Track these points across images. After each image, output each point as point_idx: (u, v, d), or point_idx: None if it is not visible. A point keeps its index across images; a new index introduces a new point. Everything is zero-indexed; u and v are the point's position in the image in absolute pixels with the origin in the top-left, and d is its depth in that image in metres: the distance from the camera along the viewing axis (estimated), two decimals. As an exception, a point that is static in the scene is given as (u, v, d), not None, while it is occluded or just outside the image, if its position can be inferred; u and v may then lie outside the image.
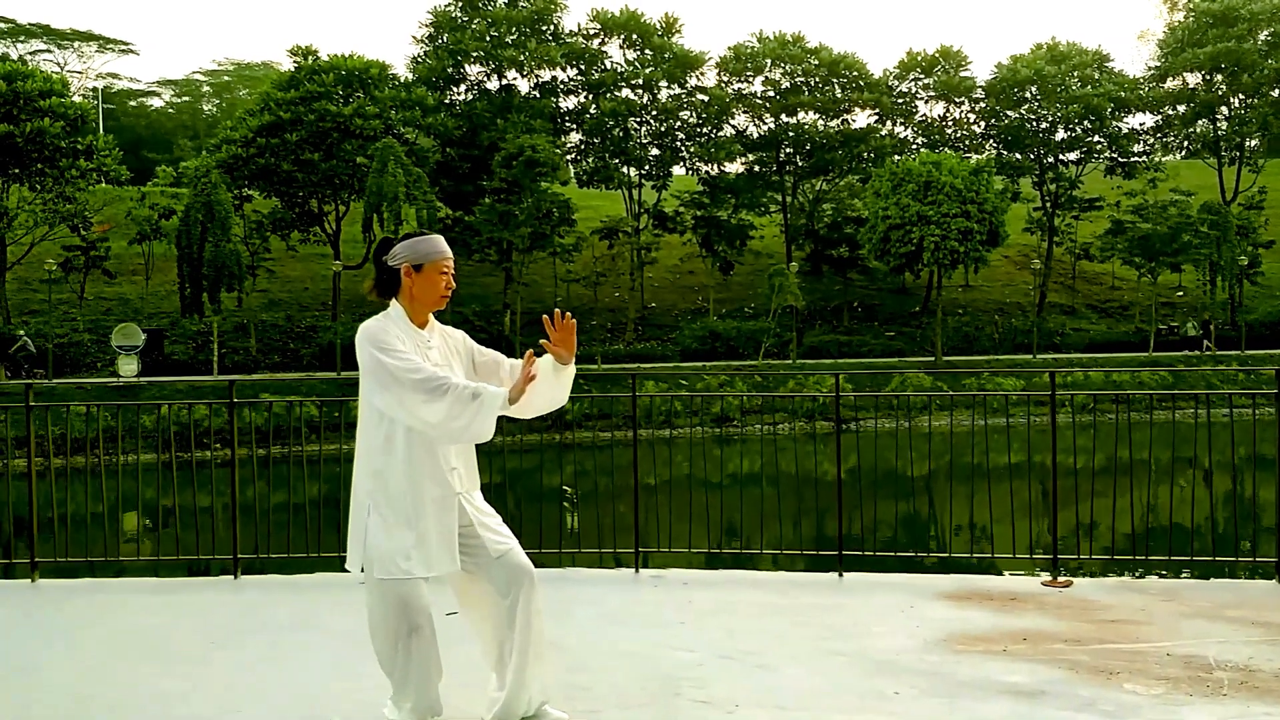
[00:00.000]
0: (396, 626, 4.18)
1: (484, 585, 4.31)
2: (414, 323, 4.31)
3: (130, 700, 4.94)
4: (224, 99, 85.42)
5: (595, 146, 53.77)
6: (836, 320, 51.69)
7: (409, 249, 4.30)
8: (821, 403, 25.08)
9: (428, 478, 4.20)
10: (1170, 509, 7.92)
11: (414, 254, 4.28)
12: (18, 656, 5.76)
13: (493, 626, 4.34)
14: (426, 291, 4.29)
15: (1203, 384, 33.66)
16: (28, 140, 39.37)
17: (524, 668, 4.23)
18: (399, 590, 4.16)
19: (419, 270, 4.28)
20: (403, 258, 4.29)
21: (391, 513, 4.18)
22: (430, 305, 4.33)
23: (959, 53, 56.26)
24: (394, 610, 4.17)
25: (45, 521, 8.69)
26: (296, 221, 47.46)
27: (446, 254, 4.33)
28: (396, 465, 4.18)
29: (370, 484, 4.22)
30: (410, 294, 4.30)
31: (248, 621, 6.44)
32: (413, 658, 4.20)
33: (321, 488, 9.84)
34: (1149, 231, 47.98)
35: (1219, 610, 6.30)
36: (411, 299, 4.31)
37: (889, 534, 11.67)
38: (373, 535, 4.19)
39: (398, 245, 4.32)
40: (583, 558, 8.33)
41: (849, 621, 6.19)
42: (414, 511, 4.18)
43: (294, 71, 47.32)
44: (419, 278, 4.28)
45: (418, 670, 4.22)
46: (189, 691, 5.02)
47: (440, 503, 4.21)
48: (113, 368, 37.77)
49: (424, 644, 4.21)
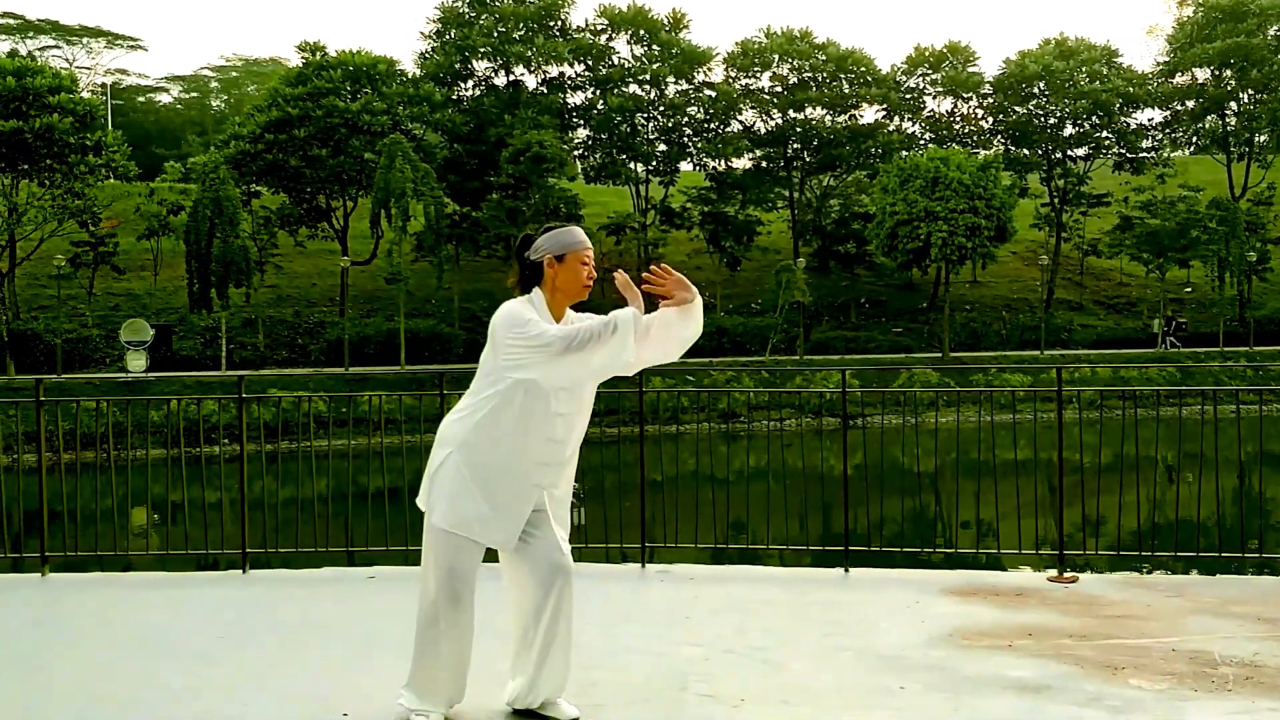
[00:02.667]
0: (438, 589, 4.23)
1: (524, 573, 4.37)
2: (553, 312, 4.33)
3: (140, 695, 4.97)
4: (232, 95, 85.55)
5: (602, 142, 53.77)
6: (844, 316, 51.63)
7: (552, 239, 4.33)
8: (828, 399, 25.09)
9: (520, 455, 4.26)
10: (1176, 505, 7.92)
11: (557, 245, 4.32)
12: (28, 650, 5.80)
13: (521, 614, 4.41)
14: (570, 281, 4.32)
15: (1210, 380, 33.58)
16: (37, 136, 39.43)
17: (544, 661, 4.33)
18: (452, 549, 4.23)
19: (561, 260, 4.31)
20: (546, 249, 4.32)
21: (469, 469, 4.24)
22: (573, 295, 4.36)
23: (967, 48, 56.14)
24: (443, 570, 4.23)
25: (55, 516, 8.73)
26: (304, 217, 47.54)
27: (588, 244, 4.37)
28: (497, 431, 4.23)
29: (466, 434, 4.27)
30: (553, 285, 4.33)
31: (257, 617, 6.47)
32: (448, 633, 4.26)
33: (329, 483, 9.88)
34: (1157, 227, 47.87)
35: (1225, 606, 6.31)
36: (554, 290, 4.34)
37: (895, 530, 11.69)
38: (446, 474, 4.27)
39: (540, 238, 4.36)
40: (590, 553, 8.36)
41: (855, 617, 6.21)
42: (493, 477, 4.24)
43: (302, 68, 47.39)
44: (562, 268, 4.31)
45: (449, 648, 4.28)
46: (199, 686, 5.04)
47: (519, 484, 4.28)
48: (121, 363, 37.89)
49: (460, 620, 4.27)
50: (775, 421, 24.44)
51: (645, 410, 7.95)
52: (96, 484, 9.12)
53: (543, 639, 4.31)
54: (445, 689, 4.35)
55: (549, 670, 4.36)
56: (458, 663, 4.34)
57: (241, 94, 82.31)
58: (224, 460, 9.07)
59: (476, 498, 4.23)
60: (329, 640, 5.84)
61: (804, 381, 34.33)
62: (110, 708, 4.81)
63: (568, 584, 4.34)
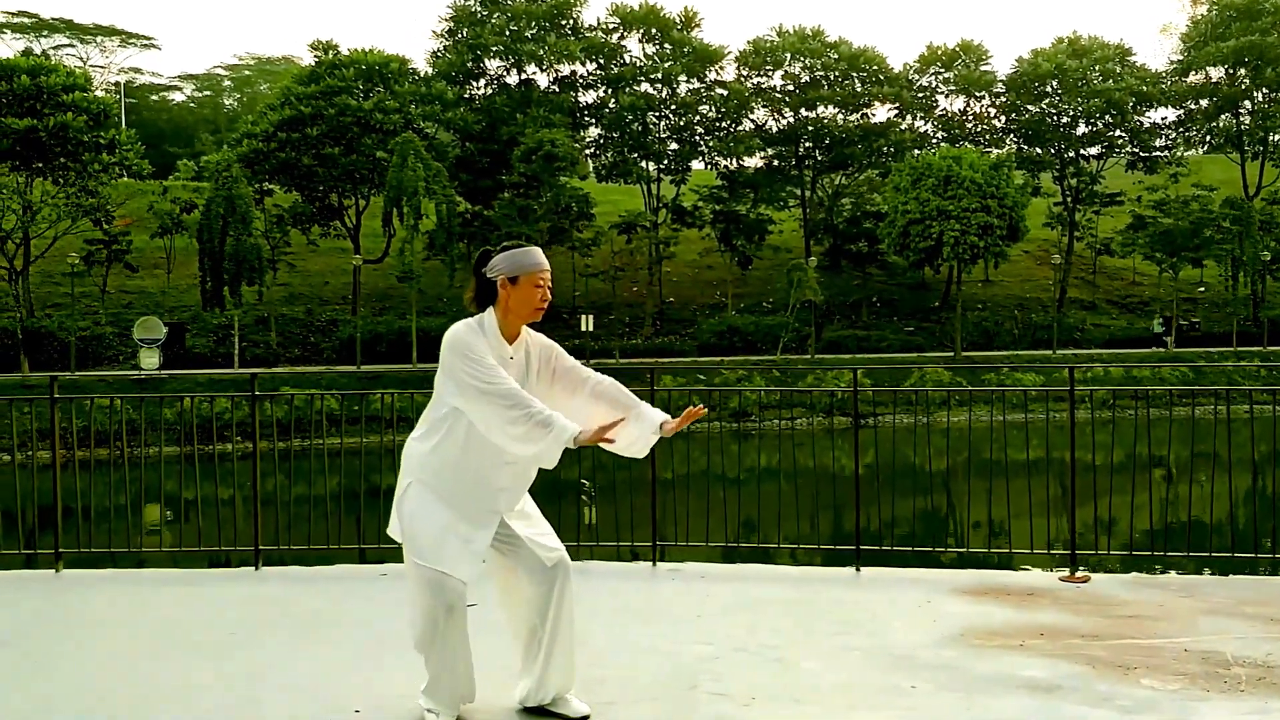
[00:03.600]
0: (433, 604, 4.23)
1: (520, 575, 4.39)
2: (505, 334, 4.31)
3: (154, 691, 4.99)
4: (245, 94, 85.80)
5: (614, 141, 53.80)
6: (855, 315, 51.57)
7: (507, 260, 4.30)
8: (840, 398, 25.06)
9: (475, 474, 4.27)
10: (1189, 505, 7.89)
11: (511, 266, 4.28)
12: (44, 645, 5.83)
13: (525, 614, 4.42)
14: (522, 304, 4.30)
15: (1224, 380, 33.44)
16: (51, 135, 39.61)
17: (551, 657, 4.36)
18: (434, 574, 4.24)
19: (514, 283, 4.28)
20: (500, 270, 4.29)
21: (432, 499, 4.27)
22: (525, 317, 4.33)
23: (979, 47, 56.02)
24: (430, 588, 4.23)
25: (69, 513, 8.77)
26: (317, 216, 47.67)
27: (543, 266, 4.33)
28: (451, 450, 4.25)
29: (421, 456, 4.30)
30: (505, 305, 4.31)
31: (269, 613, 6.49)
32: (449, 640, 4.27)
33: (342, 480, 9.90)
34: (1170, 227, 47.70)
35: (1238, 606, 6.29)
36: (506, 310, 4.31)
37: (907, 529, 11.67)
38: (408, 506, 4.30)
39: (496, 257, 4.33)
40: (600, 551, 8.36)
41: (866, 616, 6.20)
42: (456, 506, 4.26)
43: (314, 66, 47.54)
44: (515, 290, 4.28)
45: (452, 654, 4.29)
46: (212, 682, 5.07)
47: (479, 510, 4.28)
48: (135, 361, 38.04)
49: (457, 626, 4.28)
50: (786, 420, 24.42)
51: (656, 408, 7.93)
52: (110, 481, 9.16)
53: (549, 635, 4.34)
54: (461, 687, 4.38)
55: (556, 666, 4.40)
56: (466, 663, 4.37)
57: (254, 92, 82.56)
58: (236, 457, 9.09)
59: (441, 531, 4.24)
60: (341, 637, 5.86)
61: (815, 381, 34.29)
62: (125, 702, 4.84)
63: (568, 578, 4.37)
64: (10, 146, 39.47)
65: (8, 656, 5.61)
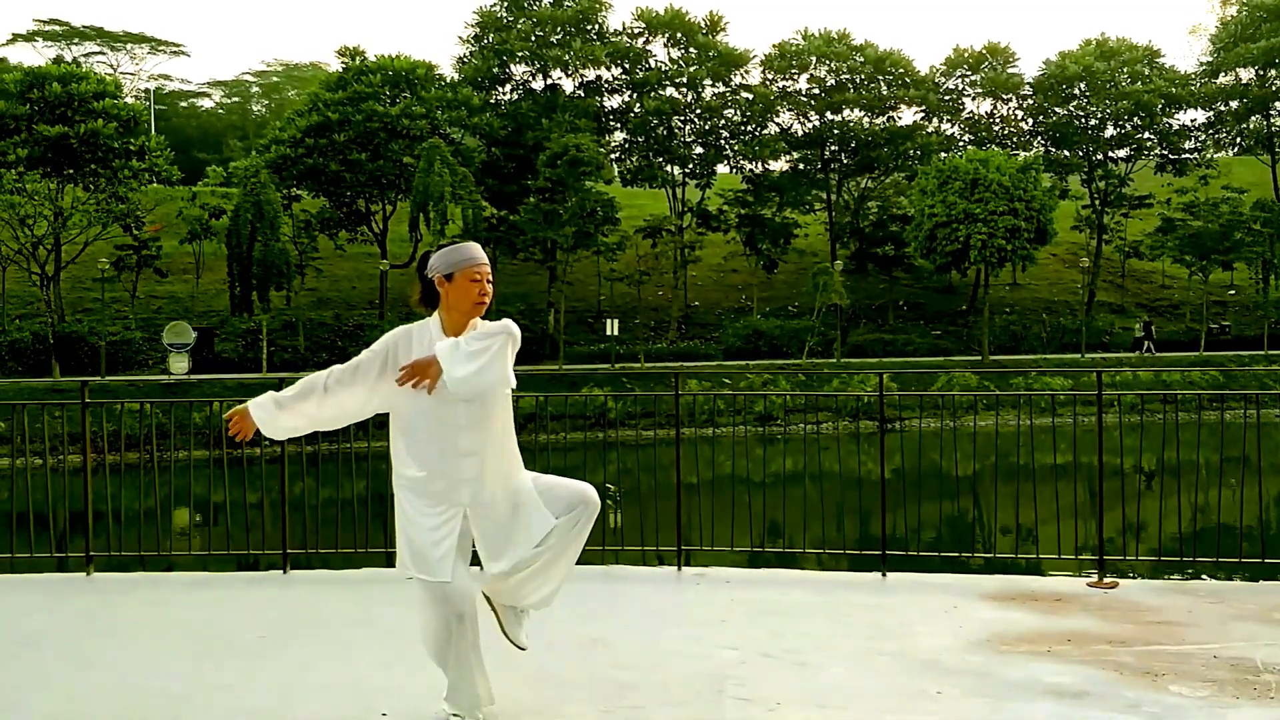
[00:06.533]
0: (443, 614, 4.25)
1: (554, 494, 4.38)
2: (450, 332, 4.33)
3: (186, 693, 5.04)
4: (273, 100, 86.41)
5: (639, 145, 53.83)
6: (881, 319, 51.39)
7: (441, 258, 4.36)
8: (866, 402, 24.97)
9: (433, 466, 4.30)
10: (1218, 510, 7.83)
11: (445, 263, 4.33)
12: (77, 647, 5.90)
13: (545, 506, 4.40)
14: (461, 299, 4.33)
15: (1255, 384, 33.13)
16: (82, 141, 40.04)
17: (551, 565, 4.35)
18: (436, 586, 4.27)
19: (450, 280, 4.32)
20: (436, 269, 4.35)
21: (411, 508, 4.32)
22: (467, 313, 4.34)
23: (1006, 49, 55.73)
24: (436, 599, 4.26)
25: (99, 516, 8.85)
26: (344, 221, 47.91)
27: (476, 260, 4.35)
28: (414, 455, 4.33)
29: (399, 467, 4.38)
30: (447, 303, 4.35)
31: (298, 616, 6.54)
32: (463, 648, 4.29)
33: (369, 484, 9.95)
34: (1200, 229, 47.31)
35: (1268, 613, 6.23)
36: (448, 308, 4.35)
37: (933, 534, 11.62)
38: (397, 520, 4.37)
39: (433, 258, 4.39)
40: (626, 556, 8.38)
41: (892, 621, 6.19)
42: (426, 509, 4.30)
43: (342, 72, 47.82)
44: (451, 287, 4.32)
45: (468, 661, 4.32)
46: (243, 685, 5.11)
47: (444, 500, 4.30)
48: (164, 365, 38.34)
49: (469, 633, 4.29)
50: (812, 425, 24.36)
51: (681, 413, 7.96)
52: (140, 485, 9.23)
53: (557, 545, 4.31)
54: (481, 692, 4.39)
55: (547, 577, 4.38)
56: (483, 669, 4.39)
57: (282, 98, 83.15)
58: (264, 461, 9.16)
59: (420, 538, 4.27)
60: (368, 640, 5.89)
61: (841, 384, 34.20)
62: (158, 702, 4.89)
63: (591, 511, 4.33)
64: (42, 153, 39.94)
65: (41, 658, 5.67)
